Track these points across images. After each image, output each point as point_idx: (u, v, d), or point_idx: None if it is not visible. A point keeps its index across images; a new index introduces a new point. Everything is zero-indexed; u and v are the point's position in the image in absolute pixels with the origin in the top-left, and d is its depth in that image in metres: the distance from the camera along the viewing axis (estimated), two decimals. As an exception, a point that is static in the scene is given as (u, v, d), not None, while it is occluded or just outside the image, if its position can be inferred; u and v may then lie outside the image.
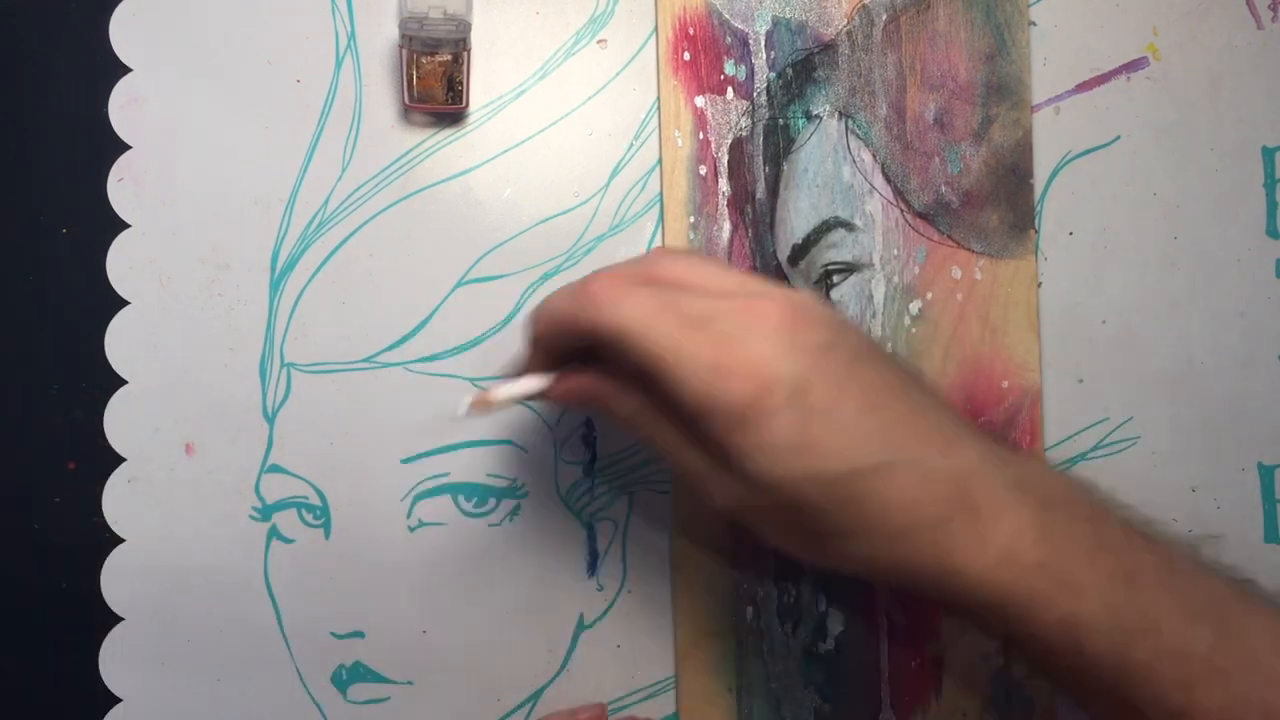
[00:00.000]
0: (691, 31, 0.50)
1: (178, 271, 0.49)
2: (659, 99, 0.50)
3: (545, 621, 0.50)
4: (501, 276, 0.50)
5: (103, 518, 0.49)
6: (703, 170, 0.50)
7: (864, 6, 0.50)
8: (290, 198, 0.49)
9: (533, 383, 0.41)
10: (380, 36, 0.50)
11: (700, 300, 0.37)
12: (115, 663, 0.49)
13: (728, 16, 0.50)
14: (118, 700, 0.49)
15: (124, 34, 0.49)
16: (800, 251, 0.50)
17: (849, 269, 0.50)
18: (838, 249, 0.50)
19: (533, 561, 0.50)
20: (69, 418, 0.49)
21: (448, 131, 0.50)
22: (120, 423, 0.49)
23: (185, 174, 0.49)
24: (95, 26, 0.49)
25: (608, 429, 0.50)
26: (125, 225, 0.49)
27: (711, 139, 0.50)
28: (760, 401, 0.35)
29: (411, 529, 0.50)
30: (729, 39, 0.50)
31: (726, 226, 0.50)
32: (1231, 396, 0.52)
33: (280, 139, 0.49)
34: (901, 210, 0.51)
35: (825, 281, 0.50)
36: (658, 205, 0.50)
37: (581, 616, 0.50)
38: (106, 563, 0.49)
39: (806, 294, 0.38)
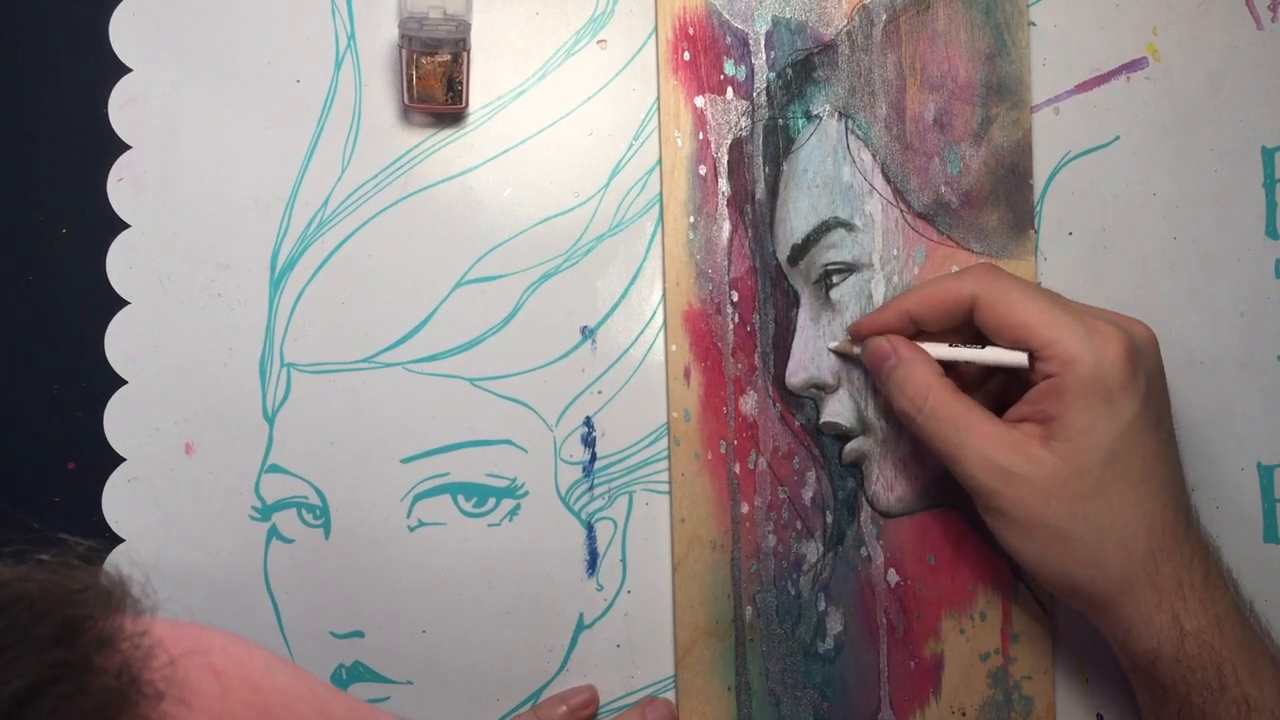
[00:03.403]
0: (691, 31, 0.50)
1: (178, 271, 0.49)
2: (659, 99, 0.50)
3: (545, 621, 0.50)
4: (501, 276, 0.50)
5: (103, 518, 0.49)
6: (702, 170, 0.50)
7: (864, 6, 0.50)
8: (290, 198, 0.49)
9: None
10: (380, 36, 0.50)
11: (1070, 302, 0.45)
12: (115, 662, 0.49)
13: (727, 16, 0.50)
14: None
15: (124, 34, 0.49)
16: (800, 251, 0.50)
17: (849, 269, 0.50)
18: (837, 249, 0.50)
19: (533, 561, 0.50)
20: (69, 418, 0.49)
21: (447, 131, 0.50)
22: (120, 423, 0.49)
23: (185, 174, 0.49)
24: (95, 26, 0.49)
25: (607, 428, 0.50)
26: (125, 225, 0.49)
27: (711, 139, 0.50)
28: (1132, 365, 0.42)
29: (411, 529, 0.50)
30: (729, 39, 0.50)
31: (726, 226, 0.50)
32: (1231, 396, 0.52)
33: (280, 139, 0.49)
34: (901, 210, 0.51)
35: (825, 281, 0.50)
36: (657, 205, 0.50)
37: (581, 616, 0.50)
38: (106, 563, 0.49)
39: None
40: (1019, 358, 0.43)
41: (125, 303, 0.49)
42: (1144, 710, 0.46)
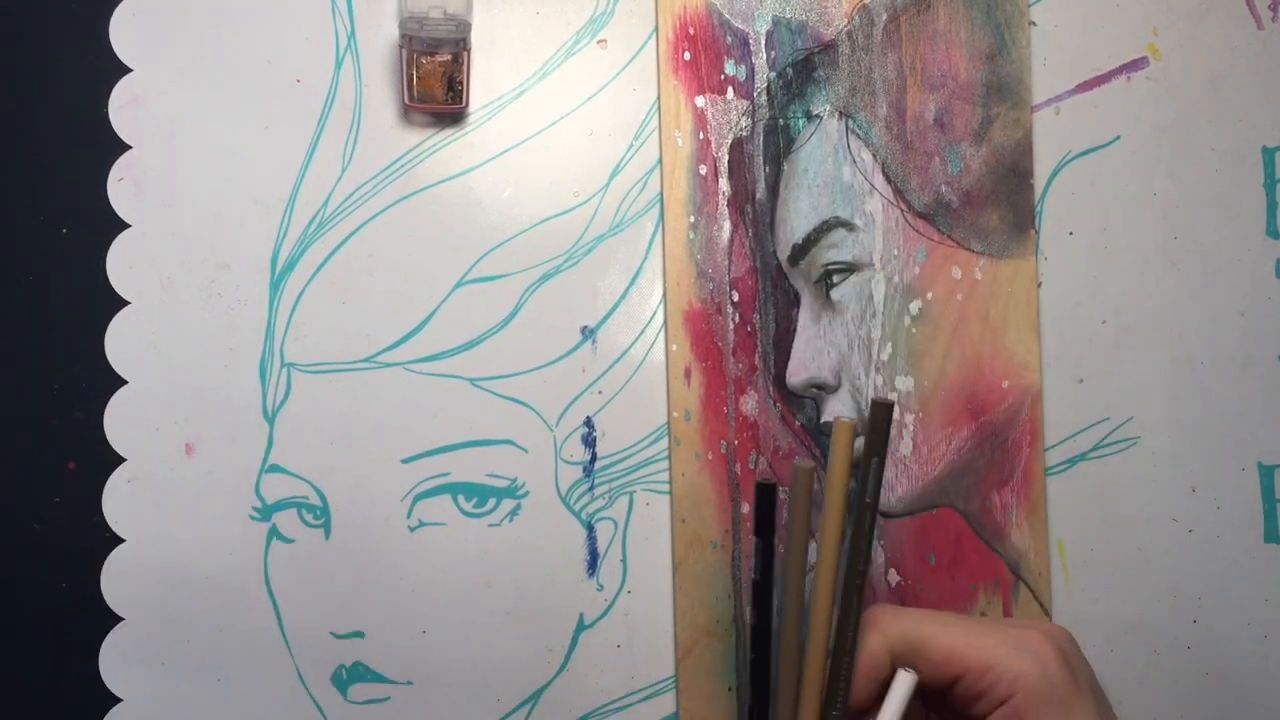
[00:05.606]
0: (692, 31, 0.50)
1: (178, 271, 0.49)
2: (659, 99, 0.50)
3: (545, 621, 0.50)
4: (501, 276, 0.50)
5: (103, 518, 0.49)
6: (703, 170, 0.50)
7: (864, 6, 0.50)
8: (290, 198, 0.49)
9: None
10: (380, 36, 0.50)
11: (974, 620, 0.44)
12: (115, 663, 0.49)
13: (728, 16, 0.50)
14: (118, 700, 0.49)
15: (124, 34, 0.49)
16: (800, 251, 0.50)
17: (849, 269, 0.50)
18: (838, 249, 0.50)
19: (533, 561, 0.50)
20: (69, 418, 0.49)
21: (448, 131, 0.50)
22: (120, 423, 0.49)
23: (185, 174, 0.49)
24: (95, 26, 0.49)
25: (607, 428, 0.50)
26: (125, 225, 0.49)
27: (712, 139, 0.50)
28: (1070, 666, 0.40)
29: (411, 529, 0.50)
30: (729, 39, 0.50)
31: (726, 226, 0.50)
32: (1231, 396, 0.52)
33: (280, 139, 0.49)
34: (902, 210, 0.51)
35: (825, 281, 0.50)
36: (658, 205, 0.50)
37: (581, 616, 0.50)
38: (106, 563, 0.49)
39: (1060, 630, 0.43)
40: (904, 682, 0.42)
41: (125, 303, 0.49)
42: None
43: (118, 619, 0.49)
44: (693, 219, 0.50)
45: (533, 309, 0.50)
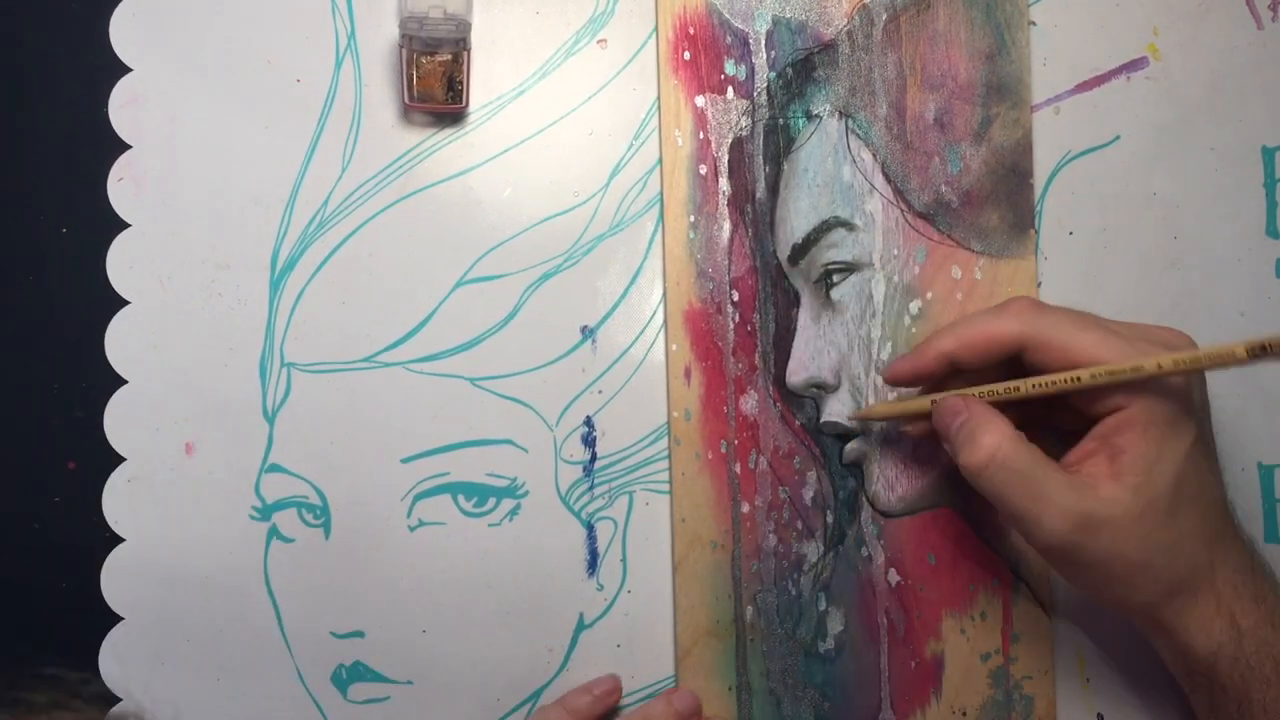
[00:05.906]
0: (692, 31, 0.50)
1: (178, 271, 0.49)
2: (659, 99, 0.50)
3: (545, 621, 0.50)
4: (501, 276, 0.50)
5: (103, 518, 0.49)
6: (703, 170, 0.50)
7: (864, 6, 0.50)
8: (290, 198, 0.49)
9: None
10: (380, 36, 0.50)
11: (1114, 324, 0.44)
12: (115, 663, 0.49)
13: (728, 16, 0.50)
14: (118, 700, 0.49)
15: (124, 34, 0.49)
16: (800, 251, 0.50)
17: (849, 269, 0.50)
18: (838, 249, 0.50)
19: (533, 561, 0.50)
20: (69, 418, 0.49)
21: (448, 131, 0.50)
22: (120, 423, 0.49)
23: (185, 174, 0.49)
24: (95, 26, 0.49)
25: (607, 428, 0.50)
26: (125, 225, 0.49)
27: (712, 138, 0.50)
28: (1188, 385, 0.42)
29: (411, 529, 0.50)
30: (729, 38, 0.50)
31: (726, 226, 0.50)
32: (1231, 396, 0.52)
33: (280, 139, 0.49)
34: (901, 210, 0.51)
35: (825, 281, 0.50)
36: (658, 205, 0.50)
37: (581, 616, 0.50)
38: (106, 563, 0.49)
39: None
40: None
41: (125, 303, 0.49)
42: (1200, 714, 0.46)
43: (118, 619, 0.49)
44: (693, 219, 0.50)
45: (532, 309, 0.50)
